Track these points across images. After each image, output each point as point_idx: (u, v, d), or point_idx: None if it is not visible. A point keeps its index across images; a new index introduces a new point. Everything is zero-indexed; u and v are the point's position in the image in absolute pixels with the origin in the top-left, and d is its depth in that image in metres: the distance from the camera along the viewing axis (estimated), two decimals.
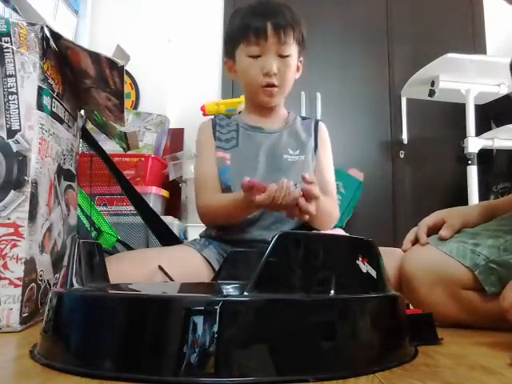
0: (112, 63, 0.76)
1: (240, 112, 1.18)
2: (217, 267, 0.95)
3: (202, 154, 1.13)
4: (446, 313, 0.73)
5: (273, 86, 1.02)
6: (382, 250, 0.54)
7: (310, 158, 1.08)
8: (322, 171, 1.09)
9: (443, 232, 0.77)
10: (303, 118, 1.16)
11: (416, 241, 0.79)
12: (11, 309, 0.64)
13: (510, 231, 0.74)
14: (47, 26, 0.72)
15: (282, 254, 0.44)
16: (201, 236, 1.11)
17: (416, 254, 0.77)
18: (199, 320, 0.40)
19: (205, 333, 0.39)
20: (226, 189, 1.06)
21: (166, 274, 0.88)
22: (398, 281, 0.78)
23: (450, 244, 0.75)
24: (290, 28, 1.00)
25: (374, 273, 0.49)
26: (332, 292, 0.45)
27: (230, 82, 2.48)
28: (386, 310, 0.50)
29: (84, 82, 0.85)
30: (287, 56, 1.02)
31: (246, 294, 0.42)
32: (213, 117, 1.18)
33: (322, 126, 1.14)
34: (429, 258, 0.75)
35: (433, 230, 0.80)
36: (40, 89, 0.70)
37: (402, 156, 2.52)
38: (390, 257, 0.76)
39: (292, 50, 1.03)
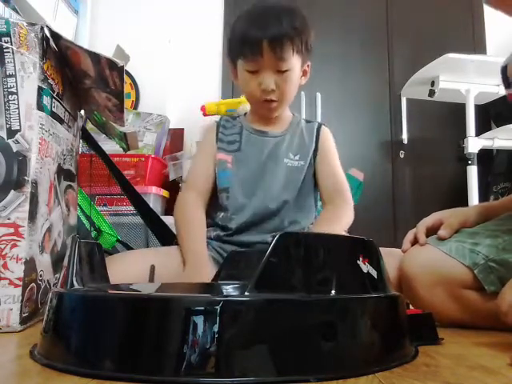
0: (112, 63, 0.76)
1: (246, 114, 1.17)
2: (215, 267, 0.95)
3: (200, 154, 1.14)
4: (446, 312, 0.73)
5: (272, 101, 1.01)
6: (382, 250, 0.54)
7: (308, 163, 1.07)
8: (334, 175, 1.08)
9: (442, 232, 0.77)
10: (307, 122, 1.15)
11: (415, 241, 0.80)
12: (11, 309, 0.64)
13: (508, 231, 0.74)
14: (47, 26, 0.72)
15: (282, 254, 0.44)
16: None
17: (415, 253, 0.77)
18: (200, 320, 0.40)
19: (205, 333, 0.39)
20: (223, 190, 1.05)
21: (152, 275, 0.88)
22: (398, 281, 0.78)
23: (449, 243, 0.75)
24: (288, 41, 0.96)
25: (374, 273, 0.49)
26: (333, 292, 0.45)
27: (230, 82, 2.48)
28: (387, 310, 0.50)
29: (84, 82, 0.85)
30: (287, 71, 0.98)
31: (246, 293, 0.42)
32: (219, 118, 1.17)
33: (325, 130, 1.13)
34: (428, 258, 0.75)
35: (431, 231, 0.80)
36: (40, 89, 0.70)
37: (402, 156, 2.52)
38: (390, 257, 0.76)
39: (292, 63, 0.98)
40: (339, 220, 0.99)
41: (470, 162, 2.02)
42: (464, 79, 2.05)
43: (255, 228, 1.02)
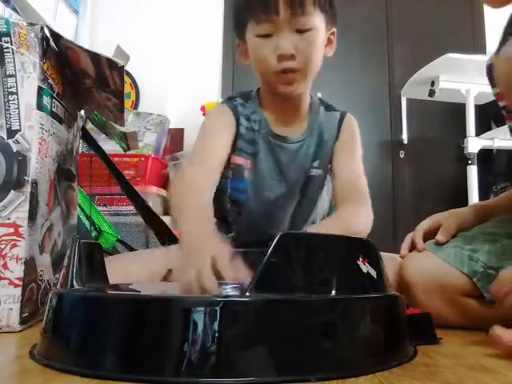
0: (112, 63, 0.76)
1: (258, 91, 0.95)
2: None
3: (213, 134, 0.89)
4: (446, 319, 0.72)
5: (291, 71, 0.81)
6: (382, 255, 0.54)
7: (327, 168, 0.94)
8: (345, 166, 0.91)
9: (439, 236, 0.76)
10: (327, 109, 0.97)
11: (413, 246, 0.79)
12: (11, 309, 0.64)
13: (506, 234, 0.73)
14: (47, 26, 0.72)
15: (283, 254, 0.44)
16: None
17: (414, 260, 0.76)
18: (200, 320, 0.40)
19: (206, 333, 0.39)
20: (236, 204, 0.91)
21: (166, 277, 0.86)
22: (398, 286, 0.78)
23: (447, 250, 0.74)
24: None
25: (374, 273, 0.49)
26: (333, 292, 0.45)
27: (230, 82, 2.48)
28: (386, 310, 0.50)
29: (84, 82, 0.85)
30: (308, 30, 0.79)
31: (247, 294, 0.42)
32: (230, 100, 0.94)
33: (348, 121, 0.95)
34: (427, 265, 0.74)
35: (429, 234, 0.79)
36: (40, 89, 0.70)
37: (402, 156, 2.52)
38: (390, 261, 0.75)
39: (316, 20, 0.80)
40: (347, 222, 0.83)
41: (469, 161, 2.02)
42: (464, 79, 2.05)
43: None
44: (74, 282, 0.52)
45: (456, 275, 0.71)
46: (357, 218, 0.85)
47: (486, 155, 2.21)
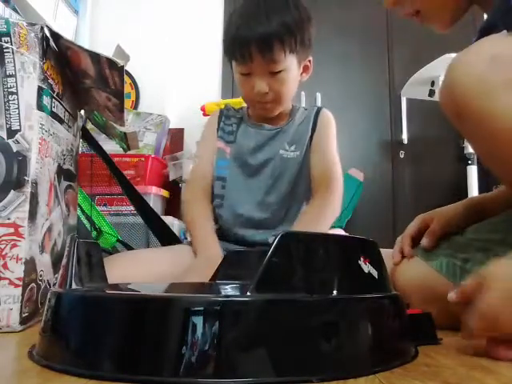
0: (112, 63, 0.76)
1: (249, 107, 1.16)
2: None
3: (201, 148, 1.16)
4: (441, 326, 0.71)
5: (266, 102, 0.99)
6: (382, 252, 0.54)
7: (304, 152, 1.04)
8: (323, 162, 1.03)
9: (424, 241, 0.74)
10: (306, 109, 1.13)
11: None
12: (11, 309, 0.64)
13: (502, 241, 0.69)
14: (47, 26, 0.72)
15: (284, 254, 0.44)
16: None
17: (406, 270, 0.75)
18: (200, 321, 0.40)
19: (206, 333, 0.39)
20: (220, 178, 1.06)
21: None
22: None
23: (439, 258, 0.72)
24: (278, 41, 0.91)
25: (375, 273, 0.49)
26: (334, 292, 0.45)
27: (230, 82, 2.48)
28: (388, 310, 0.50)
29: (84, 82, 0.85)
30: (280, 72, 0.95)
31: (248, 294, 0.42)
32: (224, 106, 1.18)
33: (324, 114, 1.09)
34: (419, 275, 0.73)
35: (420, 236, 0.77)
36: (40, 89, 0.70)
37: (402, 156, 2.52)
38: (390, 260, 0.75)
39: (286, 62, 0.95)
40: (323, 219, 0.96)
41: (469, 162, 2.03)
42: None
43: (253, 224, 1.01)
44: (73, 282, 0.52)
45: (449, 286, 0.69)
46: (328, 214, 0.98)
47: None
